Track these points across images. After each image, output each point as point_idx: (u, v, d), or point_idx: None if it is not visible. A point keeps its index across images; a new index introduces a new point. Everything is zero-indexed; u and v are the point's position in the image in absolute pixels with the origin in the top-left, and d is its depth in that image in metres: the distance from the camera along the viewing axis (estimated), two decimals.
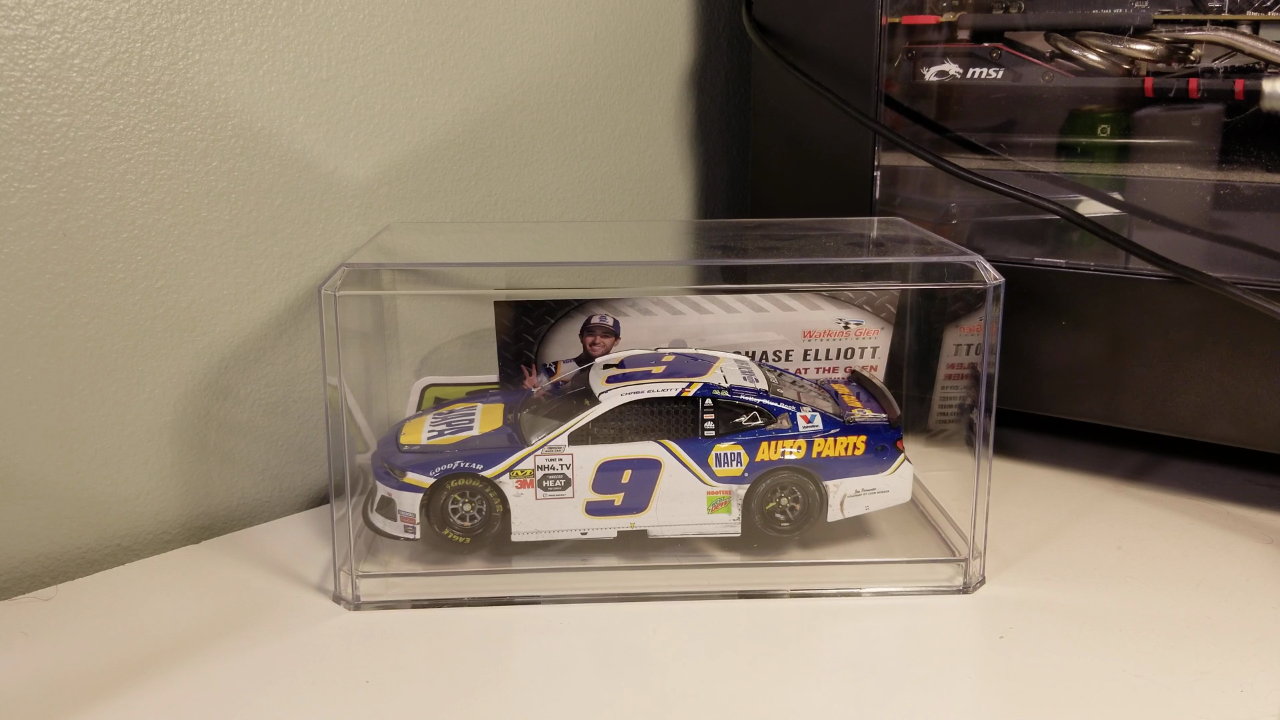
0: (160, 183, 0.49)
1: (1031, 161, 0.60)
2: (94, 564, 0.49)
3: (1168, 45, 0.55)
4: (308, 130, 0.53)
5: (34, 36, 0.44)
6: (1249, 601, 0.44)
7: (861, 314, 0.53)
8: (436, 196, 0.59)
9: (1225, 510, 0.53)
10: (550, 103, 0.64)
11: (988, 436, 0.44)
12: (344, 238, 0.56)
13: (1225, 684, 0.38)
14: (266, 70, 0.51)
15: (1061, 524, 0.52)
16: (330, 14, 0.53)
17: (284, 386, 0.55)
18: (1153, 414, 0.53)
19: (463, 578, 0.46)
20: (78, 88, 0.46)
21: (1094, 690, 0.38)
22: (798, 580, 0.46)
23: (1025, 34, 0.59)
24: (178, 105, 0.49)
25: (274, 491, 0.55)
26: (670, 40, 0.70)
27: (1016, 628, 0.42)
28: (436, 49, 0.58)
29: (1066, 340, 0.54)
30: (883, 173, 0.60)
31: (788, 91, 0.61)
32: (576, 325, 0.50)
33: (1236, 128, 0.54)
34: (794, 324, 0.53)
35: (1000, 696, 0.38)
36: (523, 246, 0.57)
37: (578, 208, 0.67)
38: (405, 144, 0.57)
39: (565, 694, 0.38)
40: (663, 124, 0.71)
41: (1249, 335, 0.49)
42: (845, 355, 0.54)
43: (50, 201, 0.46)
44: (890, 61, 0.60)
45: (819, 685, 0.39)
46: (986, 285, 0.44)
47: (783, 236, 0.55)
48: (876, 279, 0.50)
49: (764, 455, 0.46)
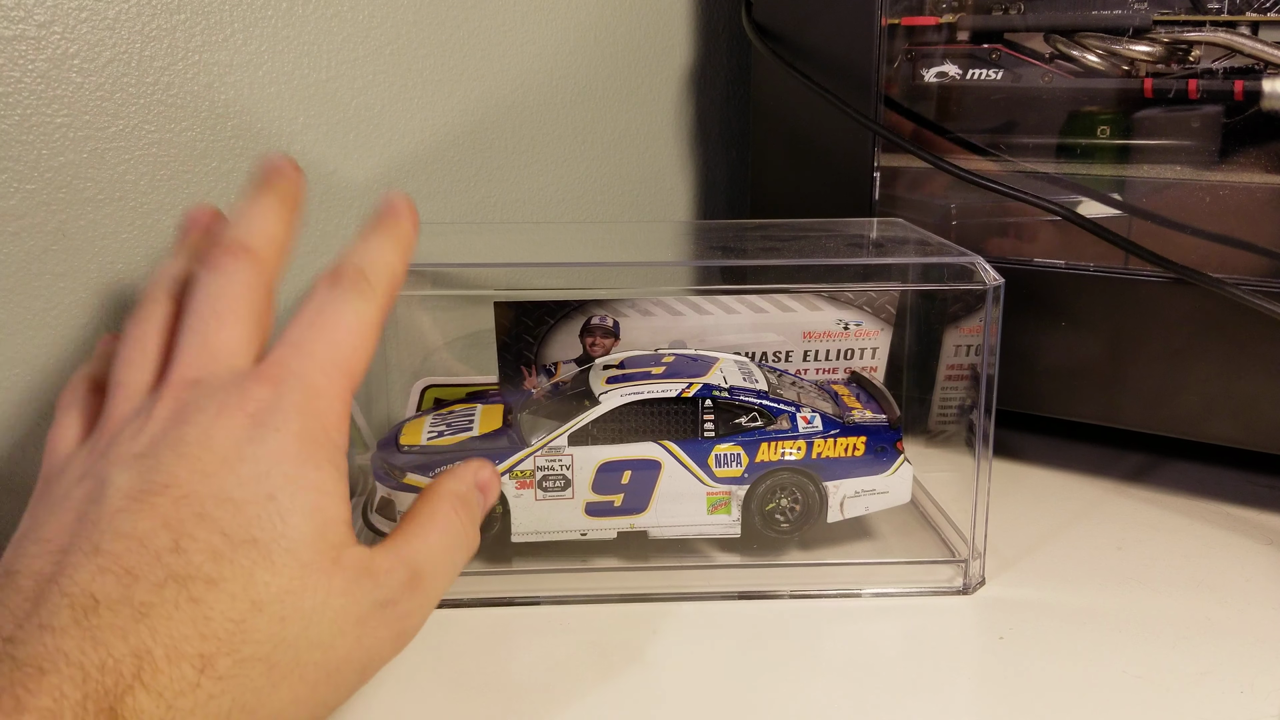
0: (160, 183, 0.49)
1: (1031, 162, 0.60)
2: None
3: (1167, 46, 0.55)
4: (307, 131, 0.53)
5: (33, 37, 0.44)
6: (1249, 602, 0.44)
7: (861, 315, 0.53)
8: (436, 197, 0.59)
9: (1226, 511, 0.53)
10: (550, 104, 0.64)
11: (987, 437, 0.44)
12: (344, 239, 0.56)
13: (1226, 685, 0.38)
14: (266, 71, 0.51)
15: (1061, 525, 0.52)
16: (330, 15, 0.53)
17: None
18: (1153, 415, 0.53)
19: (462, 578, 0.46)
20: (77, 88, 0.46)
21: (1094, 691, 0.38)
22: (797, 581, 0.46)
23: (1025, 35, 0.59)
24: (177, 106, 0.49)
25: None
26: (670, 41, 0.70)
27: (1016, 629, 0.42)
28: (436, 50, 0.58)
29: (1066, 341, 0.54)
30: (882, 174, 0.60)
31: (787, 92, 0.61)
32: (576, 326, 0.50)
33: (1236, 128, 0.54)
34: (794, 325, 0.53)
35: (1000, 698, 0.38)
36: (522, 247, 0.57)
37: (577, 208, 0.67)
38: (405, 145, 0.57)
39: (565, 694, 0.38)
40: (663, 125, 0.71)
41: (1249, 335, 0.49)
42: (845, 356, 0.54)
43: (50, 202, 0.46)
44: (890, 63, 0.60)
45: (818, 686, 0.38)
46: (986, 286, 0.44)
47: (782, 237, 0.55)
48: (876, 280, 0.50)
49: (764, 456, 0.46)
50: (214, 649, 0.28)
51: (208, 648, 0.28)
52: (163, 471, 0.30)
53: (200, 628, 0.28)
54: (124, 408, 0.33)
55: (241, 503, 0.30)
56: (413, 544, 0.34)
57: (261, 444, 0.31)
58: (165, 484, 0.30)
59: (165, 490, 0.30)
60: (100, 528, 0.29)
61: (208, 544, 0.29)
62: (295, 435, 0.31)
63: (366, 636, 0.31)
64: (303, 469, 0.31)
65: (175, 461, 0.30)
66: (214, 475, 0.30)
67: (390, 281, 0.36)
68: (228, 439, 0.31)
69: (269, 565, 0.29)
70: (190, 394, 0.32)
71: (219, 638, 0.28)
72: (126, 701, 0.27)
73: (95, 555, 0.28)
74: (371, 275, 0.35)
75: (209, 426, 0.31)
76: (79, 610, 0.27)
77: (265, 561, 0.29)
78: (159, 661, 0.27)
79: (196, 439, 0.30)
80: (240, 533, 0.29)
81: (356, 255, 0.35)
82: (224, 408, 0.31)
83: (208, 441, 0.30)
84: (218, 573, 0.29)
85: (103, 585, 0.28)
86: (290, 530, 0.30)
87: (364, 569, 0.31)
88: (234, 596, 0.29)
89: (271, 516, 0.30)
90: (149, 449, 0.31)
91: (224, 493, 0.30)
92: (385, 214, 0.37)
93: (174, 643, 0.28)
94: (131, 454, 0.31)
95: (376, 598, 0.31)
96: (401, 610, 0.32)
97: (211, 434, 0.31)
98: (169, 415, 0.31)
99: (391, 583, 0.32)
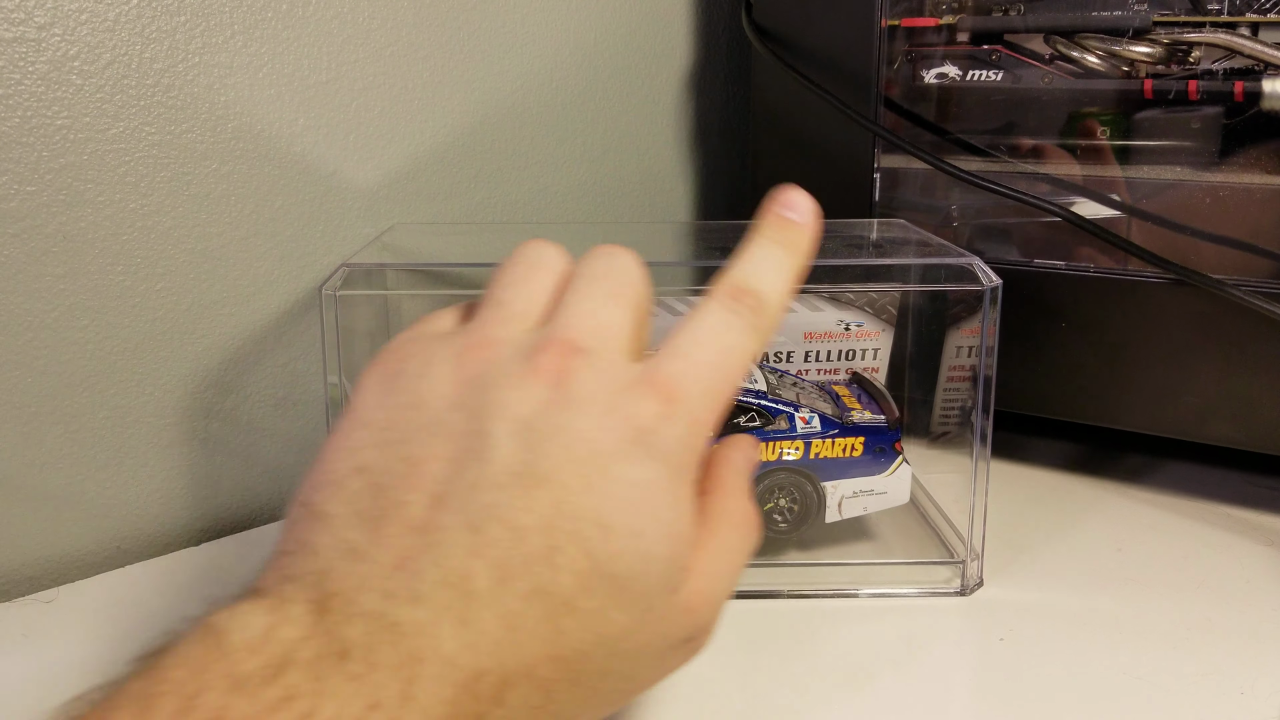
0: (160, 185, 0.49)
1: (1031, 163, 0.60)
2: (95, 566, 0.49)
3: (1167, 47, 0.55)
4: (308, 132, 0.53)
5: (34, 39, 0.45)
6: (1249, 603, 0.44)
7: (862, 315, 0.53)
8: (437, 199, 0.59)
9: (1225, 512, 0.53)
10: (550, 105, 0.64)
11: (986, 438, 0.44)
12: (344, 239, 0.56)
13: (1226, 686, 0.38)
14: (266, 73, 0.51)
15: (1061, 526, 0.52)
16: (330, 16, 0.53)
17: (286, 387, 0.55)
18: (1153, 416, 0.53)
19: None
20: (78, 90, 0.46)
21: (1094, 693, 0.38)
22: (795, 581, 0.46)
23: (1024, 36, 0.59)
24: (178, 108, 0.49)
25: (278, 492, 0.55)
26: (670, 43, 0.70)
27: (1016, 630, 0.42)
28: (436, 52, 0.58)
29: (1066, 342, 0.54)
30: (882, 175, 0.60)
31: (788, 94, 0.61)
32: None
33: (1236, 129, 0.54)
34: (795, 325, 0.53)
35: (1000, 699, 0.38)
36: None
37: (578, 209, 0.67)
38: (405, 146, 0.57)
39: None
40: (663, 126, 0.71)
41: (1249, 336, 0.49)
42: (846, 357, 0.54)
43: (50, 204, 0.46)
44: (890, 64, 0.60)
45: (815, 686, 0.38)
46: (984, 287, 0.44)
47: None
48: (875, 281, 0.50)
49: (762, 456, 0.46)
50: (557, 675, 0.27)
51: (554, 674, 0.27)
52: (549, 459, 0.28)
53: (551, 651, 0.27)
54: (500, 331, 0.31)
55: (611, 530, 0.28)
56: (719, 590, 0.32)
57: (641, 468, 0.28)
58: (547, 476, 0.28)
59: (546, 484, 0.28)
60: (479, 500, 0.27)
61: (575, 565, 0.27)
62: (672, 470, 0.29)
63: (663, 670, 0.31)
64: (669, 510, 0.29)
65: (561, 454, 0.28)
66: (593, 489, 0.28)
67: (779, 311, 0.33)
68: (611, 448, 0.28)
69: (621, 604, 0.28)
70: (577, 364, 0.29)
71: (564, 665, 0.27)
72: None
73: (472, 533, 0.27)
74: (766, 303, 0.32)
75: (596, 426, 0.29)
76: (455, 592, 0.26)
77: (618, 600, 0.28)
78: (514, 680, 0.26)
79: (582, 435, 0.28)
80: (605, 564, 0.27)
81: (755, 274, 0.33)
82: (613, 409, 0.29)
83: (593, 444, 0.28)
84: (577, 600, 0.27)
85: (476, 574, 0.26)
86: (648, 574, 0.28)
87: (686, 609, 0.30)
88: (584, 628, 0.27)
89: (636, 554, 0.28)
90: (535, 419, 0.28)
91: (599, 513, 0.28)
92: (784, 220, 0.34)
93: (530, 665, 0.26)
94: (516, 414, 0.29)
95: (684, 637, 0.30)
96: (699, 644, 0.31)
97: (598, 436, 0.28)
98: (553, 381, 0.29)
99: (700, 621, 0.31)
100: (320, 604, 0.25)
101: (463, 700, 0.25)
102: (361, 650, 0.24)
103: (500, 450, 0.28)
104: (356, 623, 0.25)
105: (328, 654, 0.24)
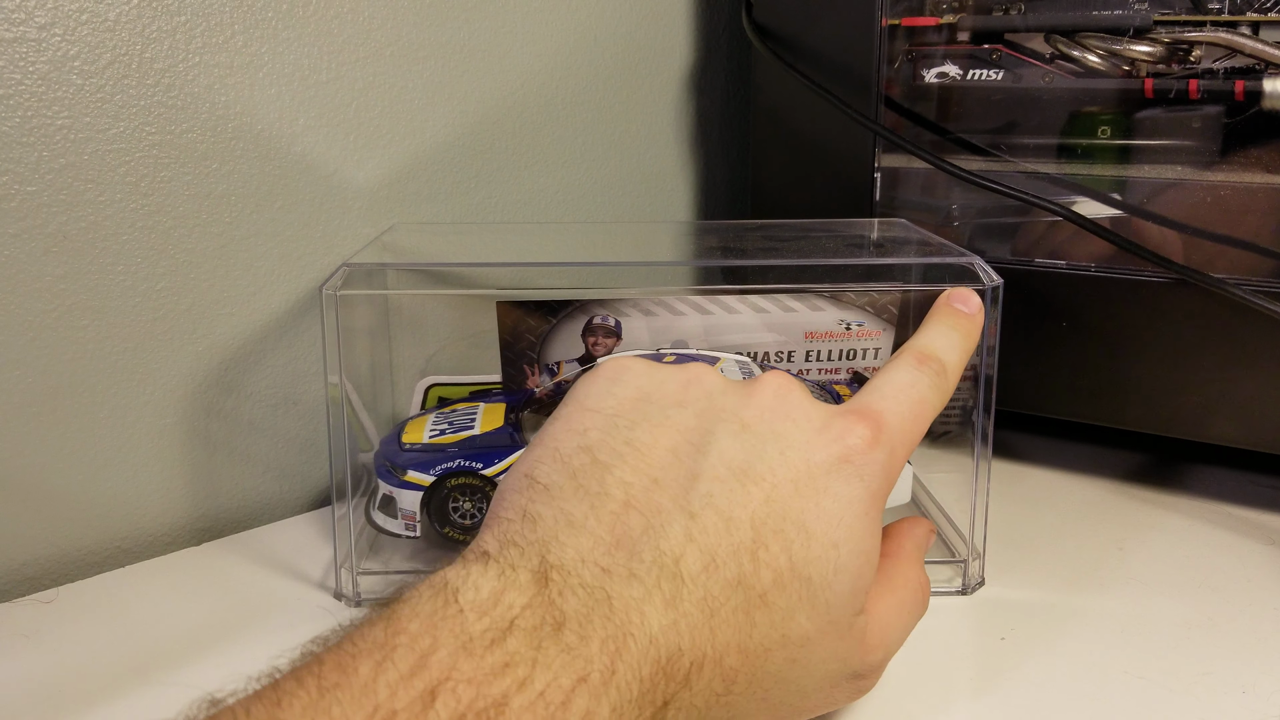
0: (160, 185, 0.49)
1: (1032, 163, 0.60)
2: (95, 566, 0.49)
3: (1168, 46, 0.55)
4: (308, 133, 0.53)
5: (34, 39, 0.44)
6: (1251, 603, 0.44)
7: (863, 315, 0.53)
8: (437, 199, 0.59)
9: (1227, 511, 0.53)
10: (551, 105, 0.64)
11: (987, 437, 0.44)
12: (345, 239, 0.56)
13: (1227, 685, 0.38)
14: (267, 73, 0.51)
15: (1062, 525, 0.52)
16: (331, 16, 0.53)
17: (286, 386, 0.55)
18: (1153, 415, 0.53)
19: None
20: (78, 90, 0.46)
21: (1095, 692, 0.38)
22: None
23: (1025, 35, 0.59)
24: (178, 108, 0.49)
25: (279, 491, 0.55)
26: (671, 42, 0.70)
27: (1017, 629, 0.42)
28: (437, 52, 0.58)
29: (1067, 341, 0.54)
30: (883, 174, 0.60)
31: (788, 93, 0.61)
32: (578, 326, 0.50)
33: (1237, 128, 0.54)
34: (795, 325, 0.53)
35: (1001, 698, 0.38)
36: (525, 247, 0.57)
37: (579, 209, 0.67)
38: (406, 146, 0.57)
39: None
40: (663, 125, 0.71)
41: (1250, 336, 0.49)
42: (847, 356, 0.54)
43: (50, 204, 0.46)
44: (890, 63, 0.60)
45: None
46: (985, 286, 0.44)
47: (783, 237, 0.55)
48: (876, 280, 0.50)
49: None
50: (740, 667, 0.28)
51: (739, 664, 0.28)
52: (765, 461, 0.30)
53: (741, 641, 0.28)
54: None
55: (812, 536, 0.30)
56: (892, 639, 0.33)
57: (846, 485, 0.31)
58: (762, 476, 0.30)
59: (761, 482, 0.30)
60: (698, 489, 0.29)
61: (775, 563, 0.29)
62: (872, 493, 0.31)
63: (830, 700, 0.32)
64: (864, 529, 0.31)
65: (777, 458, 0.30)
66: (803, 494, 0.30)
67: (955, 379, 0.37)
68: (822, 462, 0.31)
69: (809, 609, 0.29)
70: (794, 386, 0.33)
71: (749, 658, 0.28)
72: (673, 702, 0.26)
73: (688, 518, 0.29)
74: (947, 368, 0.36)
75: (811, 439, 0.31)
76: (666, 573, 0.27)
77: (808, 603, 0.29)
78: (706, 665, 0.27)
79: (797, 444, 0.31)
80: (802, 566, 0.29)
81: (937, 346, 0.36)
82: (826, 428, 0.32)
83: (807, 454, 0.31)
84: (771, 595, 0.29)
85: (688, 557, 0.28)
86: (837, 584, 0.30)
87: (861, 639, 0.31)
88: (773, 625, 0.29)
89: (830, 563, 0.30)
90: (755, 423, 0.31)
91: (803, 518, 0.30)
92: (958, 311, 0.39)
93: (720, 652, 0.27)
94: (739, 417, 0.31)
95: (855, 670, 0.32)
96: (866, 685, 0.33)
97: (811, 450, 0.31)
98: (774, 395, 0.32)
99: (872, 661, 0.32)
100: (541, 573, 0.26)
101: (658, 679, 0.26)
102: (576, 622, 0.25)
103: (721, 445, 0.30)
104: (575, 594, 0.26)
105: (547, 622, 0.25)
